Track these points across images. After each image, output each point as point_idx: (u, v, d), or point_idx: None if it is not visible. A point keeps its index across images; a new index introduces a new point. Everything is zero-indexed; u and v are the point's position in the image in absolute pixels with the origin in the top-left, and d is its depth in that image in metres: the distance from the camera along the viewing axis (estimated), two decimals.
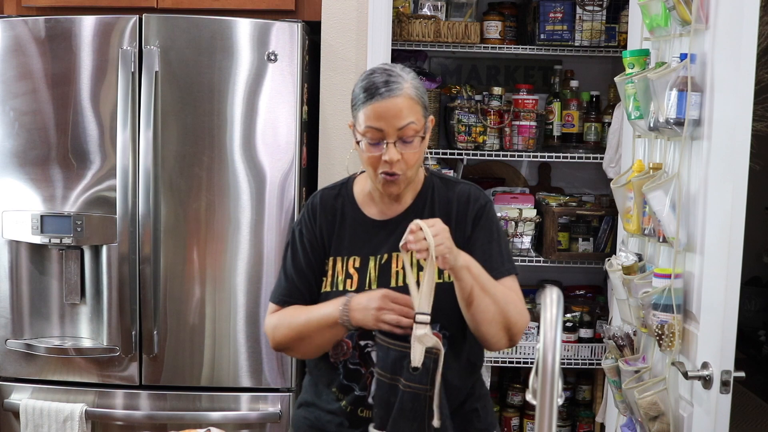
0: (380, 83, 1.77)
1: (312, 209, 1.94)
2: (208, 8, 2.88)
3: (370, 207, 1.91)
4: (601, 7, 3.25)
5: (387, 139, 1.76)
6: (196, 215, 2.73)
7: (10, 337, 2.79)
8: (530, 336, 3.24)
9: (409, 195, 1.91)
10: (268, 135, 2.72)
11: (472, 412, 1.92)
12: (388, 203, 1.90)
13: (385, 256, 1.86)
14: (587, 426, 3.48)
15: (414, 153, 1.79)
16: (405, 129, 1.76)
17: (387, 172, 1.79)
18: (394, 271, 1.85)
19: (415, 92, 1.80)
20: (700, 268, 2.15)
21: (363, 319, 1.74)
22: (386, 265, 1.85)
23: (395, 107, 1.75)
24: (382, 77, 1.78)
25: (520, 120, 3.25)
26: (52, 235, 2.71)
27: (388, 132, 1.76)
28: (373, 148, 1.78)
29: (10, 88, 2.72)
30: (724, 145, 2.04)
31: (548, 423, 1.14)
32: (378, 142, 1.77)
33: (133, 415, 2.76)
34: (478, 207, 1.90)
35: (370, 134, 1.77)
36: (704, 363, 2.04)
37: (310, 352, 1.89)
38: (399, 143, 1.77)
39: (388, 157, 1.76)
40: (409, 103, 1.77)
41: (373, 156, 1.78)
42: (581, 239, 3.29)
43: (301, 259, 1.90)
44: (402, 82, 1.78)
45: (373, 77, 1.79)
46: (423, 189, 1.92)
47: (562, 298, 1.20)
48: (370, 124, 1.76)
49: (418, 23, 3.16)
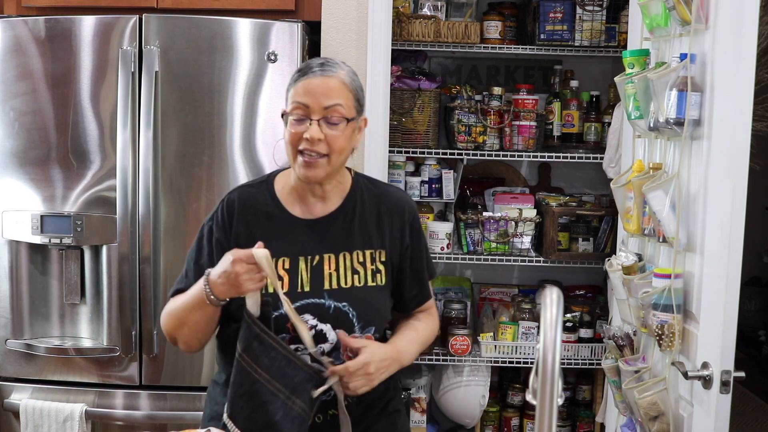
0: (315, 64, 1.78)
1: (228, 208, 1.86)
2: (208, 8, 2.88)
3: (295, 205, 1.86)
4: (601, 7, 3.25)
5: (312, 116, 1.74)
6: (196, 215, 2.73)
7: (10, 337, 2.79)
8: (530, 336, 3.24)
9: (337, 195, 1.87)
10: (268, 135, 2.72)
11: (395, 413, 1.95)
12: (314, 202, 1.86)
13: (317, 258, 1.82)
14: (587, 426, 3.48)
15: (337, 136, 1.75)
16: (331, 109, 1.74)
17: (308, 150, 1.74)
18: (327, 273, 1.81)
19: (350, 81, 1.79)
20: (700, 268, 2.15)
21: (225, 289, 1.69)
22: (318, 266, 1.81)
23: (325, 85, 1.74)
24: (320, 60, 1.80)
25: (520, 120, 3.25)
26: (52, 235, 2.71)
27: (313, 108, 1.73)
28: (297, 125, 1.75)
29: (10, 88, 2.72)
30: (724, 145, 2.04)
31: (548, 423, 1.14)
32: (303, 119, 1.74)
33: (133, 415, 2.76)
34: (413, 214, 1.93)
35: (296, 110, 1.75)
36: (704, 363, 2.04)
37: (192, 341, 1.82)
38: (323, 123, 1.74)
39: (309, 135, 1.72)
40: (340, 85, 1.76)
41: (296, 132, 1.75)
42: (581, 239, 3.29)
43: (205, 257, 1.84)
44: (338, 67, 1.79)
45: (312, 60, 1.80)
46: (351, 190, 1.89)
47: (562, 298, 1.20)
48: (298, 99, 1.74)
49: (418, 23, 3.16)
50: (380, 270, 1.86)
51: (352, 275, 1.81)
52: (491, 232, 3.24)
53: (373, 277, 1.84)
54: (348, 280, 1.82)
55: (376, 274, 1.84)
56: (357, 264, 1.83)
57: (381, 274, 1.86)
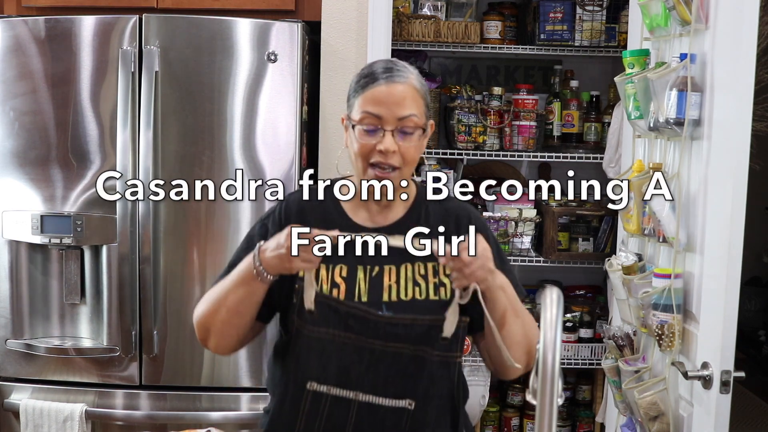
0: (383, 69, 1.66)
1: (287, 209, 1.77)
2: (208, 8, 2.88)
3: (357, 213, 1.76)
4: (601, 7, 3.25)
5: (385, 126, 1.63)
6: (196, 215, 2.73)
7: (10, 337, 2.79)
8: None
9: (401, 204, 1.77)
10: (268, 135, 2.71)
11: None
12: (377, 210, 1.75)
13: (377, 269, 1.72)
14: (587, 426, 3.48)
15: (412, 147, 1.66)
16: (406, 120, 1.64)
17: (380, 163, 1.64)
18: (387, 285, 1.70)
19: (420, 86, 1.69)
20: (700, 268, 2.15)
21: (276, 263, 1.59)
22: (377, 278, 1.71)
23: (398, 94, 1.63)
24: (385, 65, 1.68)
25: (520, 120, 3.25)
26: (52, 235, 2.71)
27: (386, 119, 1.63)
28: (367, 136, 1.64)
29: (10, 88, 2.72)
30: (724, 145, 2.04)
31: (548, 423, 1.14)
32: (374, 129, 1.64)
33: (133, 415, 2.76)
34: (478, 221, 1.81)
35: (366, 120, 1.64)
36: (704, 363, 2.04)
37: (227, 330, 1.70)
38: (397, 134, 1.64)
39: (384, 147, 1.62)
40: (413, 93, 1.65)
41: (367, 144, 1.64)
42: (581, 239, 3.29)
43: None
44: (407, 72, 1.68)
45: (375, 65, 1.69)
46: (417, 199, 1.79)
47: (562, 298, 1.20)
48: (368, 110, 1.64)
49: (418, 23, 3.16)
50: (444, 283, 1.72)
51: (413, 287, 1.70)
52: None
53: (436, 290, 1.71)
54: (408, 292, 1.70)
55: (439, 287, 1.71)
56: (418, 276, 1.72)
57: (445, 288, 1.72)
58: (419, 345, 1.66)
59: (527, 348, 1.69)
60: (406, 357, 1.66)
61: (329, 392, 1.67)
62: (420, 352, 1.66)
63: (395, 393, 1.67)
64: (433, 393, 1.68)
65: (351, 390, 1.67)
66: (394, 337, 1.66)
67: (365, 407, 1.67)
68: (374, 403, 1.67)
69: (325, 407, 1.68)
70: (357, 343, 1.67)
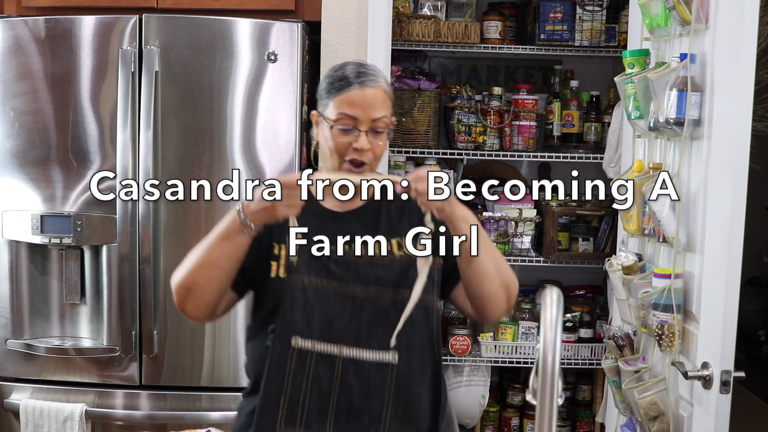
0: (356, 73, 1.81)
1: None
2: (208, 8, 2.88)
3: (327, 200, 1.90)
4: (601, 7, 3.25)
5: (359, 127, 1.78)
6: (196, 215, 2.73)
7: (10, 337, 2.79)
8: (530, 336, 3.24)
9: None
10: (268, 135, 2.72)
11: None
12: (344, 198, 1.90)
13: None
14: (587, 426, 3.48)
15: (382, 146, 1.82)
16: (378, 121, 1.79)
17: (355, 160, 1.80)
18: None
19: (388, 88, 1.85)
20: (700, 268, 2.15)
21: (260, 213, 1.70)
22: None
23: (371, 98, 1.79)
24: (356, 68, 1.83)
25: (520, 120, 3.25)
26: (52, 235, 2.71)
27: (361, 120, 1.78)
28: (343, 135, 1.79)
29: (10, 88, 2.72)
30: (724, 145, 2.04)
31: (548, 423, 1.14)
32: (349, 129, 1.79)
33: (133, 415, 2.76)
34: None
35: (343, 121, 1.79)
36: (704, 363, 2.04)
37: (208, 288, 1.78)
38: (370, 133, 1.79)
39: (359, 145, 1.78)
40: (383, 96, 1.82)
41: (343, 143, 1.79)
42: (581, 239, 3.29)
43: None
44: (378, 76, 1.83)
45: (347, 68, 1.83)
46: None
47: (562, 298, 1.20)
48: (344, 111, 1.79)
49: (418, 23, 3.16)
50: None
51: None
52: (491, 232, 3.24)
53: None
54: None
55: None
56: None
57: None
58: (398, 288, 1.76)
59: (502, 281, 1.78)
60: (387, 302, 1.76)
61: (314, 348, 1.75)
62: (399, 296, 1.76)
63: (378, 344, 1.75)
64: (415, 341, 1.78)
65: (335, 344, 1.75)
66: (374, 278, 1.77)
67: (350, 364, 1.75)
68: (359, 358, 1.75)
69: (311, 366, 1.75)
70: (339, 291, 1.77)
